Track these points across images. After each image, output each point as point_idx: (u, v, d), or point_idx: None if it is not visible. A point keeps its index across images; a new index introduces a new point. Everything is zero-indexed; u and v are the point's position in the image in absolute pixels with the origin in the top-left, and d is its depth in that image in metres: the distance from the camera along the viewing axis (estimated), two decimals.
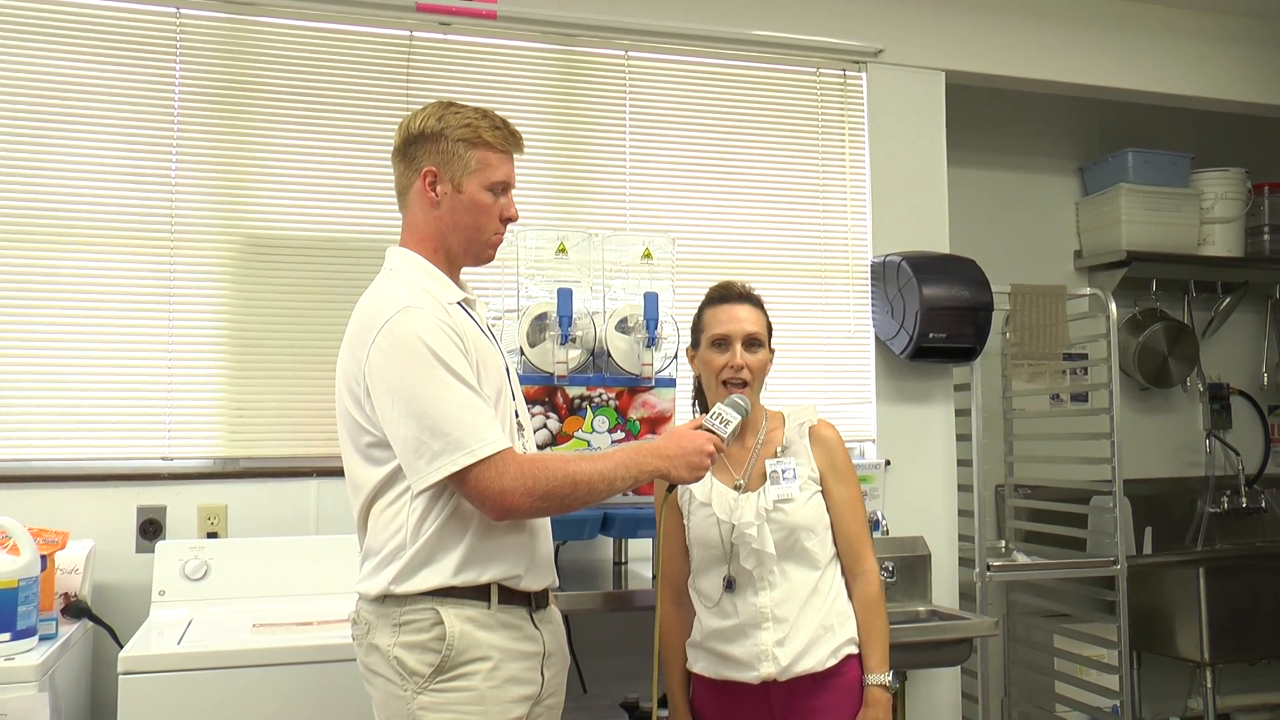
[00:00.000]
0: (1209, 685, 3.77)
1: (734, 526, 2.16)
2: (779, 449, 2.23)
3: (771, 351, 2.28)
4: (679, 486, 2.17)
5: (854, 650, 2.16)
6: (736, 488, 2.21)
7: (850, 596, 2.21)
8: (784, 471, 2.19)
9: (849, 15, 3.56)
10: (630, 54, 3.36)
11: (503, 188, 1.94)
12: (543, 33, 3.26)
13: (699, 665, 2.22)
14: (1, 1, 2.83)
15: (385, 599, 1.80)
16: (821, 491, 2.22)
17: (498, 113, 1.96)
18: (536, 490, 1.74)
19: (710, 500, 2.20)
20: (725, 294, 2.28)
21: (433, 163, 1.90)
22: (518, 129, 1.97)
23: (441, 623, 1.77)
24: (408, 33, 3.15)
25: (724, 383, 2.21)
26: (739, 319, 2.23)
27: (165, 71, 2.95)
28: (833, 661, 2.13)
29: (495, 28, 3.21)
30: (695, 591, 2.25)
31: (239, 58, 3.01)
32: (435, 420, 1.72)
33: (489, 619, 1.81)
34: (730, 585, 2.16)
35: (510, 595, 1.85)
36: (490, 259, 1.99)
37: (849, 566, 2.22)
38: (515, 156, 1.98)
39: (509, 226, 1.99)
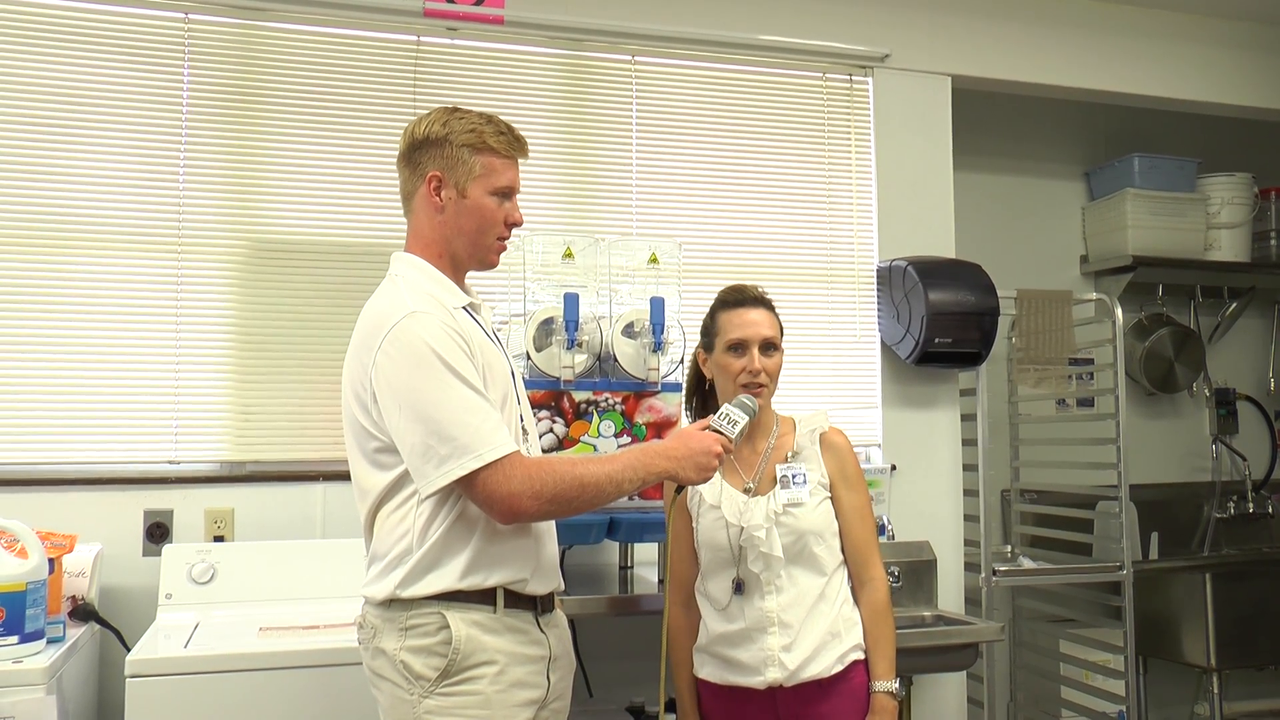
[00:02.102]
0: (1215, 691, 3.76)
1: (742, 529, 2.15)
2: (790, 454, 2.23)
3: (781, 353, 2.29)
4: (688, 488, 2.17)
5: (860, 656, 2.16)
6: (746, 491, 2.21)
7: (858, 603, 2.21)
8: (794, 476, 2.19)
9: (855, 20, 3.56)
10: (637, 59, 3.37)
11: (507, 193, 1.94)
12: (550, 38, 3.26)
13: (705, 670, 2.22)
14: (11, 7, 2.85)
15: (391, 603, 1.81)
16: (831, 498, 2.22)
17: (504, 118, 1.97)
18: (544, 493, 1.74)
19: (720, 503, 2.20)
20: (740, 298, 2.27)
21: (437, 168, 1.90)
22: (522, 134, 1.97)
23: (448, 626, 1.77)
24: (415, 38, 3.15)
25: (743, 386, 2.19)
26: (755, 323, 2.22)
27: (173, 77, 2.96)
28: (839, 668, 2.12)
29: (502, 33, 3.21)
30: (703, 595, 2.24)
31: (247, 63, 3.02)
32: (442, 425, 1.72)
33: (495, 623, 1.81)
34: (739, 589, 2.16)
35: (516, 599, 1.85)
36: (495, 264, 1.99)
37: (857, 574, 2.22)
38: (520, 161, 1.98)
39: (515, 231, 1.99)
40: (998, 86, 3.80)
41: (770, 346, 2.22)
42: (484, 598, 1.81)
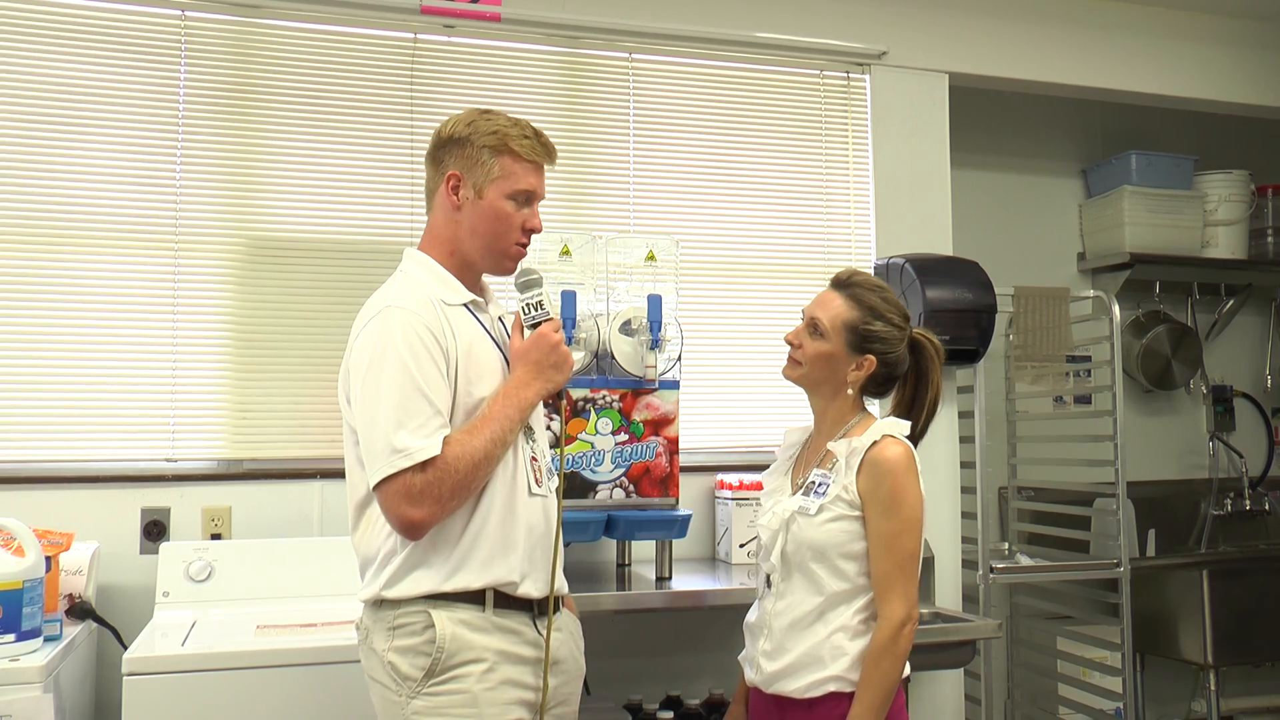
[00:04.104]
0: (1212, 688, 3.77)
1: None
2: (833, 462, 2.05)
3: (862, 358, 2.08)
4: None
5: (841, 690, 1.97)
6: (796, 487, 2.12)
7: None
8: (819, 484, 2.04)
9: (852, 17, 3.56)
10: (634, 56, 3.36)
11: (526, 198, 1.90)
12: (547, 35, 3.26)
13: (742, 653, 2.19)
14: (8, 4, 2.84)
15: (380, 604, 1.80)
16: (864, 519, 2.01)
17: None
18: (444, 494, 1.72)
19: (769, 492, 2.16)
20: (834, 277, 2.15)
21: (457, 167, 1.89)
22: (551, 141, 1.94)
23: (433, 625, 1.75)
24: (412, 35, 3.15)
25: (787, 356, 2.12)
26: (818, 301, 2.12)
27: (170, 74, 2.95)
28: (813, 694, 1.97)
29: (499, 30, 3.21)
30: None
31: (243, 61, 3.01)
32: (377, 423, 1.72)
33: (483, 622, 1.79)
34: (768, 582, 2.09)
35: (508, 600, 1.82)
36: (509, 270, 1.96)
37: (876, 607, 1.99)
38: (546, 168, 1.94)
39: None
40: (995, 84, 3.80)
41: (815, 329, 2.08)
42: (472, 598, 1.79)
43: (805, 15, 3.51)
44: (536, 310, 1.92)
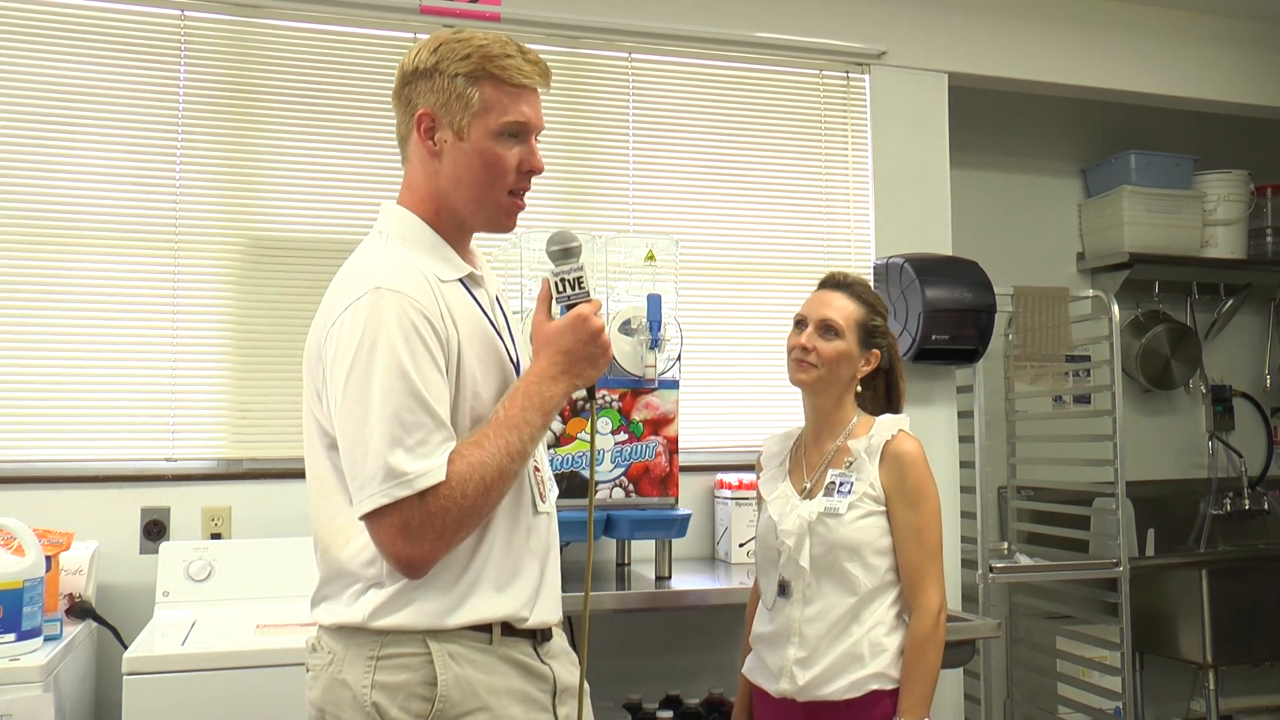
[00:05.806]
0: (1211, 687, 3.77)
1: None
2: (848, 460, 2.09)
3: (869, 353, 2.13)
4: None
5: (884, 686, 2.01)
6: (802, 492, 2.12)
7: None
8: (841, 484, 2.06)
9: (852, 17, 3.56)
10: (634, 56, 3.36)
11: (519, 131, 1.56)
12: (546, 35, 3.26)
13: (746, 665, 2.19)
14: (8, 4, 2.84)
15: (358, 629, 1.49)
16: (887, 514, 2.06)
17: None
18: (449, 526, 1.41)
19: (774, 499, 2.15)
20: (826, 280, 2.19)
21: (428, 104, 1.55)
22: (540, 57, 1.59)
23: (430, 662, 1.47)
24: (412, 35, 3.15)
25: (795, 361, 2.13)
26: (822, 303, 2.14)
27: (170, 74, 2.95)
28: (855, 694, 2.00)
29: (499, 30, 3.19)
30: (761, 589, 2.19)
31: (243, 60, 3.02)
32: (364, 439, 1.41)
33: (488, 658, 1.51)
34: (783, 590, 2.09)
35: (512, 630, 1.56)
36: (510, 227, 1.63)
37: (908, 599, 2.05)
38: (541, 93, 1.61)
39: (517, 219, 1.64)
40: (995, 84, 3.80)
41: (829, 329, 2.10)
42: (476, 628, 1.52)
43: (805, 15, 3.51)
44: (575, 289, 1.55)
